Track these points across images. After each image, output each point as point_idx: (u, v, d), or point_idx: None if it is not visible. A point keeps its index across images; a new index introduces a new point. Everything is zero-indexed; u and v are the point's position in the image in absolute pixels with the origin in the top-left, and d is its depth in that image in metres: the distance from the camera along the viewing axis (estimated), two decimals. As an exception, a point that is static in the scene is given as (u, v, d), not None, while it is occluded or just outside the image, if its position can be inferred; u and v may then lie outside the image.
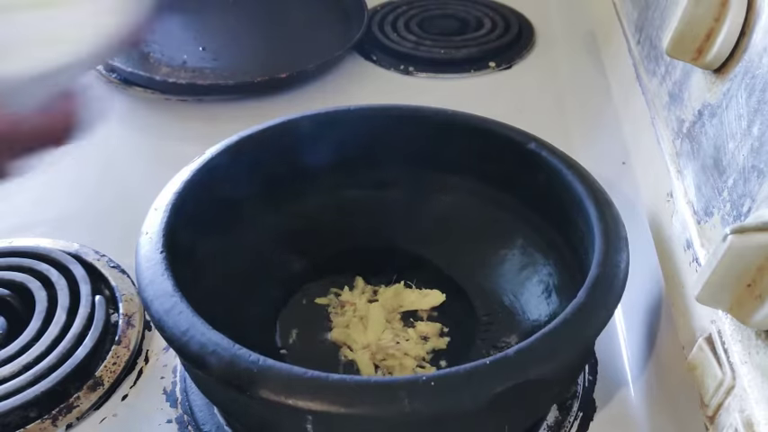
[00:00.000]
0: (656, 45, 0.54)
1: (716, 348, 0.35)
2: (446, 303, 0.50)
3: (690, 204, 0.42)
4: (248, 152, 0.49)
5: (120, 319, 0.49)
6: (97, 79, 0.76)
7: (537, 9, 0.90)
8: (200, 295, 0.40)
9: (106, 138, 0.69)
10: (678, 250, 0.42)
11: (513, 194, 0.51)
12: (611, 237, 0.41)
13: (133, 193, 0.60)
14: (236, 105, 0.72)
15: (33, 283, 0.50)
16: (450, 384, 0.33)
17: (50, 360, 0.45)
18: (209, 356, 0.34)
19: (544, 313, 0.47)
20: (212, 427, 0.43)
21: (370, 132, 0.52)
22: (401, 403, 0.32)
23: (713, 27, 0.39)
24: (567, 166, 0.46)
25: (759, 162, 0.34)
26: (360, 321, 0.48)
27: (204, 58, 0.79)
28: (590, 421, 0.44)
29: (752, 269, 0.31)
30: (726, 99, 0.39)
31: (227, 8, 0.88)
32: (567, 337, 0.36)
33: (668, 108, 0.48)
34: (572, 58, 0.79)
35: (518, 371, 0.34)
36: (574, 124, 0.70)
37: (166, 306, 0.37)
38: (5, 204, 0.61)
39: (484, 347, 0.47)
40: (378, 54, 0.82)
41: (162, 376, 0.47)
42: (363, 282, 0.52)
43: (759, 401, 0.31)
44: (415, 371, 0.46)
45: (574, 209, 0.44)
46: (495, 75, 0.79)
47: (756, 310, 0.31)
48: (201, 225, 0.46)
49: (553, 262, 0.48)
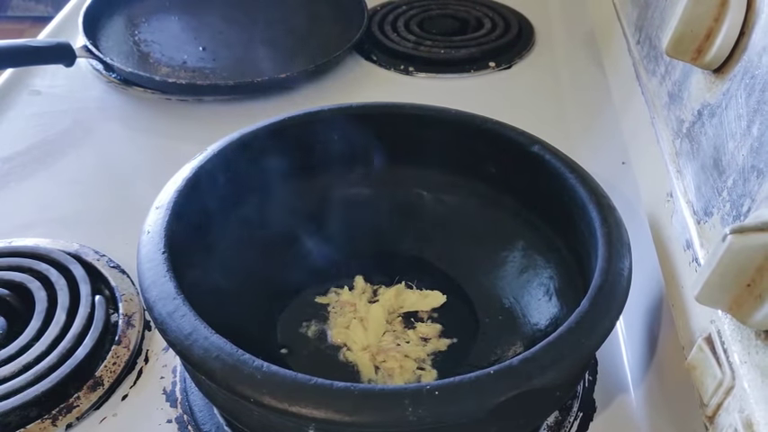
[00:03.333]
0: (655, 45, 0.54)
1: (715, 348, 0.35)
2: (447, 305, 0.50)
3: (689, 204, 0.42)
4: (249, 150, 0.49)
5: (119, 319, 0.50)
6: (97, 79, 0.77)
7: (537, 9, 0.90)
8: (202, 294, 0.40)
9: (106, 138, 0.70)
10: (678, 250, 0.42)
11: (514, 196, 0.51)
12: (614, 242, 0.41)
13: (133, 193, 0.60)
14: (236, 105, 0.72)
15: (33, 283, 0.50)
16: (454, 393, 0.33)
17: (50, 360, 0.45)
18: (213, 361, 0.34)
19: (545, 316, 0.47)
20: (212, 427, 0.43)
21: (371, 131, 0.52)
22: (405, 412, 0.32)
23: (713, 27, 0.39)
24: (571, 170, 0.46)
25: (759, 162, 0.34)
26: (360, 322, 0.48)
27: (204, 58, 0.79)
28: (590, 421, 0.44)
29: (751, 269, 0.31)
30: (725, 99, 0.39)
31: (227, 8, 0.88)
32: (571, 347, 0.35)
33: (668, 108, 0.48)
34: (572, 58, 0.79)
35: (521, 380, 0.33)
36: (574, 124, 0.70)
37: (169, 308, 0.37)
38: (5, 204, 0.61)
39: (484, 349, 0.47)
40: (378, 54, 0.82)
41: (162, 376, 0.47)
42: (364, 282, 0.52)
43: (759, 401, 0.31)
44: (415, 373, 0.46)
45: (576, 213, 0.44)
46: (495, 75, 0.79)
47: (756, 309, 0.31)
48: (202, 223, 0.46)
49: (554, 265, 0.48)
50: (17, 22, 2.37)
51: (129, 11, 0.85)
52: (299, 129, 0.51)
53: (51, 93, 0.75)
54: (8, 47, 0.69)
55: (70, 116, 0.72)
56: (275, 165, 0.51)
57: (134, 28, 0.83)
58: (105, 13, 0.82)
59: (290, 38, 0.83)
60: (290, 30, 0.84)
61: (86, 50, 0.74)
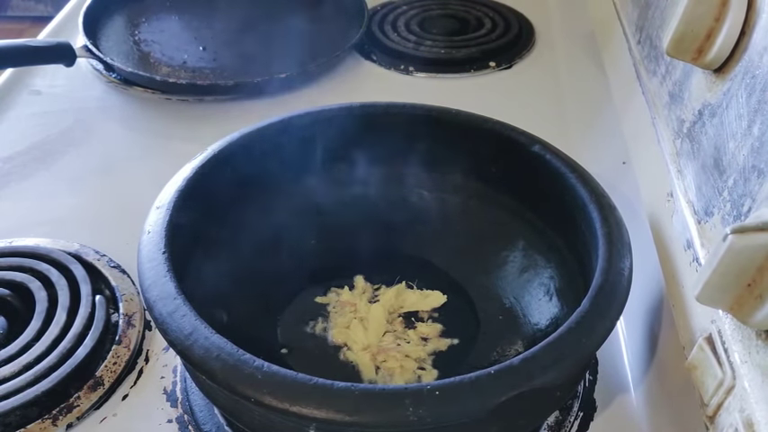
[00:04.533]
0: (656, 45, 0.54)
1: (716, 348, 0.35)
2: (447, 305, 0.50)
3: (690, 204, 0.42)
4: (250, 150, 0.49)
5: (120, 318, 0.49)
6: (98, 79, 0.77)
7: (537, 9, 0.91)
8: (203, 294, 0.40)
9: (106, 137, 0.70)
10: (678, 250, 0.42)
11: (515, 196, 0.51)
12: (614, 242, 0.41)
13: (133, 193, 0.60)
14: (236, 105, 0.72)
15: (33, 282, 0.50)
16: (454, 393, 0.33)
17: (51, 360, 0.45)
18: (213, 361, 0.34)
19: (545, 316, 0.47)
20: (212, 426, 0.43)
21: (371, 131, 0.52)
22: (406, 411, 0.32)
23: (713, 27, 0.39)
24: (571, 170, 0.46)
25: (759, 162, 0.34)
26: (360, 322, 0.48)
27: (204, 58, 0.79)
28: (590, 421, 0.44)
29: (752, 269, 0.31)
30: (726, 99, 0.39)
31: (227, 8, 0.88)
32: (571, 347, 0.35)
33: (668, 108, 0.48)
34: (572, 58, 0.79)
35: (522, 380, 0.33)
36: (574, 124, 0.70)
37: (170, 308, 0.37)
38: (5, 204, 0.61)
39: (485, 349, 0.47)
40: (378, 54, 0.82)
41: (162, 376, 0.47)
42: (364, 282, 0.52)
43: (759, 401, 0.31)
44: (415, 373, 0.46)
45: (577, 213, 0.44)
46: (495, 75, 0.79)
47: (756, 309, 0.31)
48: (203, 223, 0.46)
49: (554, 265, 0.48)
50: (17, 21, 2.37)
51: (129, 11, 0.85)
52: (299, 129, 0.51)
53: (51, 93, 0.75)
54: (8, 47, 0.69)
55: (70, 116, 0.72)
56: (275, 165, 0.51)
57: (134, 28, 0.83)
58: (105, 12, 0.82)
59: (290, 37, 0.83)
60: (290, 29, 0.84)
61: (86, 50, 0.74)
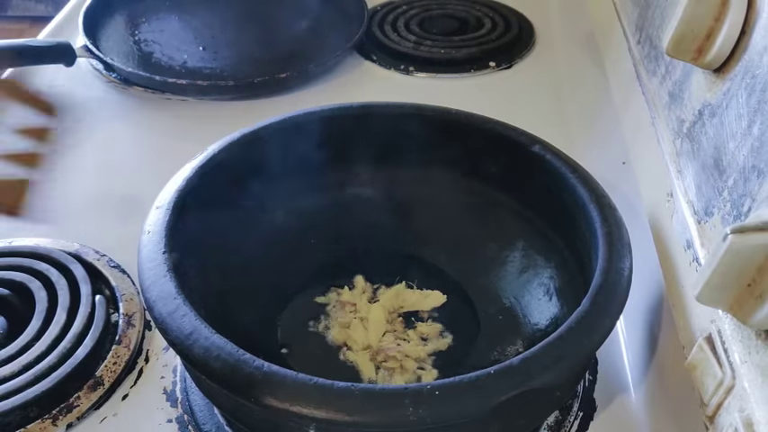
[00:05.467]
0: (656, 45, 0.54)
1: (716, 348, 0.35)
2: (447, 304, 0.50)
3: (690, 204, 0.42)
4: (250, 150, 0.49)
5: (120, 318, 0.49)
6: (98, 79, 0.77)
7: (537, 9, 0.90)
8: (203, 294, 0.40)
9: (107, 137, 0.70)
10: (678, 250, 0.42)
11: (515, 196, 0.51)
12: (614, 242, 0.41)
13: (133, 193, 0.60)
14: (236, 105, 0.72)
15: (33, 282, 0.50)
16: (454, 393, 0.33)
17: (51, 360, 0.45)
18: (213, 361, 0.34)
19: (545, 316, 0.47)
20: (212, 426, 0.43)
21: (371, 131, 0.52)
22: (406, 411, 0.32)
23: (713, 27, 0.39)
24: (571, 170, 0.46)
25: (759, 162, 0.34)
26: (360, 322, 0.48)
27: (204, 58, 0.79)
28: (590, 421, 0.44)
29: (752, 269, 0.31)
30: (726, 99, 0.39)
31: (227, 8, 0.88)
32: (571, 347, 0.35)
33: (668, 108, 0.48)
34: (572, 58, 0.79)
35: (522, 380, 0.34)
36: (574, 124, 0.70)
37: (170, 308, 0.37)
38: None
39: (484, 349, 0.47)
40: (378, 54, 0.82)
41: (162, 376, 0.47)
42: (364, 282, 0.52)
43: (759, 401, 0.31)
44: (415, 372, 0.46)
45: (577, 212, 0.44)
46: (495, 75, 0.79)
47: (756, 309, 0.31)
48: (203, 223, 0.46)
49: (554, 265, 0.48)
50: (17, 21, 2.36)
51: (129, 11, 0.85)
52: (299, 129, 0.51)
53: (51, 93, 0.75)
54: (8, 47, 0.69)
55: (70, 116, 0.72)
56: (275, 165, 0.50)
57: (134, 28, 0.83)
58: (105, 12, 0.82)
59: (289, 38, 0.83)
60: (289, 29, 0.84)
61: (86, 50, 0.74)
